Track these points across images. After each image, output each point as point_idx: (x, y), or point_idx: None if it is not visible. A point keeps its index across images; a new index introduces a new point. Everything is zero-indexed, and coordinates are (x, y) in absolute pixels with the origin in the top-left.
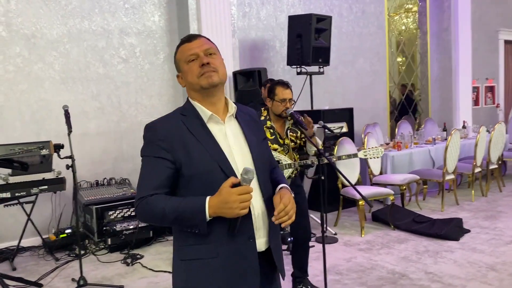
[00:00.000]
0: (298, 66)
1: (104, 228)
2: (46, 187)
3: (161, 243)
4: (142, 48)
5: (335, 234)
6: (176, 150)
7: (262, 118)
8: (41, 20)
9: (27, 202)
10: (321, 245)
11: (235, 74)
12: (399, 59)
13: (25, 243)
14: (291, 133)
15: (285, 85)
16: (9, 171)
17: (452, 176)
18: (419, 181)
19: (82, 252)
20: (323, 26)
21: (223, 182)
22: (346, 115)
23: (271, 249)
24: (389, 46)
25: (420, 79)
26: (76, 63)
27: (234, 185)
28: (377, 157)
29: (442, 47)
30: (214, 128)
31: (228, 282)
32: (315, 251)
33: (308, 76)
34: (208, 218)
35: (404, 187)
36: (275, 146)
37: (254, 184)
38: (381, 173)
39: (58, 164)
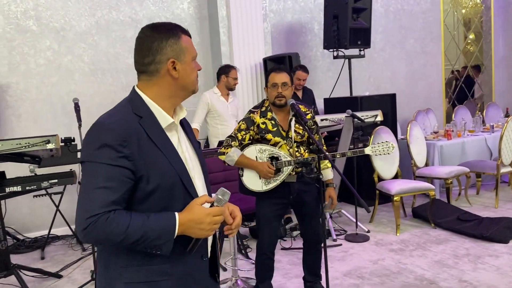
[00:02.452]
0: (335, 50)
1: None
2: (56, 180)
3: None
4: None
5: (368, 231)
6: (137, 158)
7: (263, 109)
8: (69, 12)
9: (55, 193)
10: (349, 243)
11: (265, 60)
12: (458, 38)
13: (59, 232)
14: (296, 125)
15: (278, 69)
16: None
17: (508, 169)
18: (469, 174)
19: None
20: (362, 5)
21: (181, 197)
22: (387, 102)
23: (216, 257)
24: (445, 24)
25: (483, 59)
26: (105, 54)
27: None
28: (387, 154)
29: (509, 23)
30: (169, 135)
31: None
32: (341, 250)
33: (347, 60)
34: (174, 237)
35: (450, 180)
36: (277, 139)
37: (187, 195)
38: (426, 165)
39: None
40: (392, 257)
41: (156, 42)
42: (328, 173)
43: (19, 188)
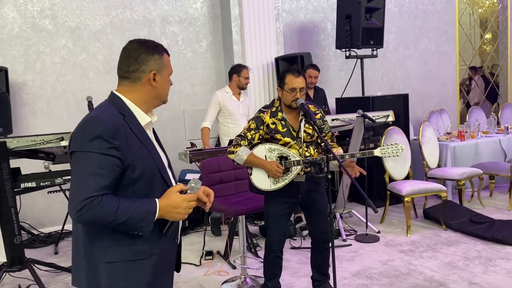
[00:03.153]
0: (347, 50)
1: None
2: (69, 177)
3: (198, 233)
4: (184, 36)
5: (378, 232)
6: (124, 149)
7: (274, 109)
8: (84, 12)
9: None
10: (359, 244)
11: (277, 60)
12: (474, 38)
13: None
14: (306, 125)
15: (297, 72)
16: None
17: None
18: (482, 175)
19: None
20: (375, 5)
21: (160, 186)
22: (399, 102)
23: (180, 244)
24: (460, 23)
25: (499, 60)
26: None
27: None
28: (396, 156)
29: None
30: (148, 134)
31: (154, 282)
32: (350, 250)
33: (359, 60)
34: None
35: (463, 182)
36: (287, 139)
37: (164, 183)
38: (439, 166)
39: None
40: (402, 258)
41: (143, 55)
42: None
43: (33, 184)
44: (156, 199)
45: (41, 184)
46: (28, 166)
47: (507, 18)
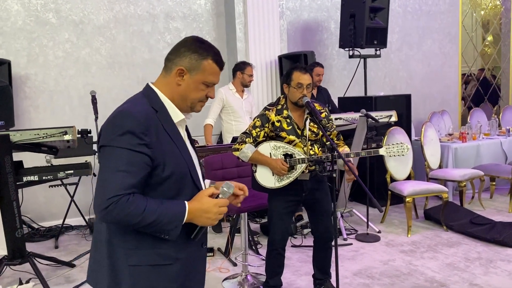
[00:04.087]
0: (350, 49)
1: None
2: (72, 171)
3: None
4: (187, 32)
5: (379, 232)
6: (155, 147)
7: (279, 107)
8: (88, 6)
9: (70, 184)
10: (360, 243)
11: (280, 58)
12: (476, 40)
13: (73, 222)
14: (311, 124)
15: (303, 69)
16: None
17: None
18: (483, 177)
19: None
20: (379, 4)
21: (190, 187)
22: (402, 102)
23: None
24: (463, 25)
25: (501, 62)
26: (122, 48)
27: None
28: (401, 155)
29: None
30: (180, 131)
31: (181, 287)
32: (351, 249)
33: (362, 60)
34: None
35: (464, 183)
36: (292, 137)
37: (193, 184)
38: (440, 167)
39: None
40: (403, 258)
41: (184, 49)
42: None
43: (35, 178)
44: (186, 202)
45: (44, 178)
46: (29, 159)
47: (510, 20)
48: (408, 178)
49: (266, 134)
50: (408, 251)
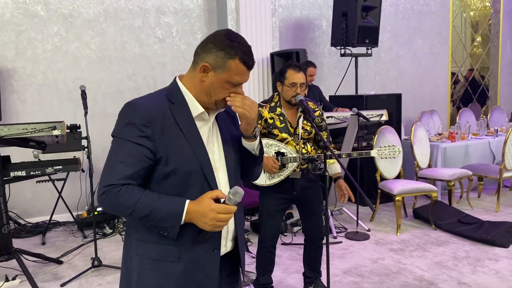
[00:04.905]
0: (342, 47)
1: None
2: (60, 167)
3: None
4: (179, 27)
5: (369, 230)
6: (158, 140)
7: (273, 104)
8: None
9: (58, 179)
10: (349, 241)
11: (272, 55)
12: (465, 40)
13: (61, 218)
14: (304, 122)
15: (297, 68)
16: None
17: (511, 173)
18: (471, 177)
19: (110, 231)
20: (371, 3)
21: (199, 186)
22: (392, 101)
23: (238, 249)
24: (454, 26)
25: (490, 63)
26: (112, 42)
27: (217, 199)
28: (393, 158)
29: None
30: (199, 125)
31: None
32: (341, 247)
33: (354, 58)
34: (181, 223)
35: (453, 183)
36: (285, 135)
37: (226, 189)
38: (429, 166)
39: (94, 144)
40: (392, 257)
41: (212, 45)
42: (336, 167)
43: (23, 173)
44: (187, 201)
45: (31, 173)
46: (17, 154)
47: (499, 21)
48: (398, 177)
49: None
50: (397, 249)
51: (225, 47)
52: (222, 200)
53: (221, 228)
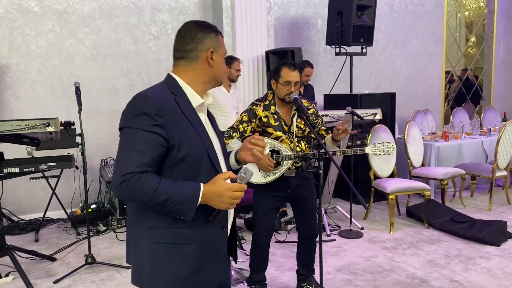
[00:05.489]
0: (337, 46)
1: (125, 206)
2: (54, 163)
3: None
4: (174, 25)
5: (362, 228)
6: (170, 128)
7: (267, 102)
8: None
9: (52, 176)
10: (343, 239)
11: (267, 53)
12: (460, 40)
13: (54, 215)
14: (298, 120)
15: (292, 66)
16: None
17: (503, 173)
18: (464, 176)
19: (104, 228)
20: (366, 2)
21: (207, 169)
22: (387, 100)
23: (235, 233)
24: (448, 25)
25: (484, 63)
26: (107, 39)
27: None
28: (387, 154)
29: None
30: (200, 116)
31: (198, 269)
32: (334, 245)
33: (348, 57)
34: (197, 205)
35: (446, 182)
36: (279, 133)
37: (212, 167)
38: (423, 165)
39: (88, 141)
40: (385, 255)
41: (200, 33)
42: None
43: (17, 170)
44: (202, 184)
45: (25, 170)
46: (9, 151)
47: (493, 22)
48: (392, 175)
49: (253, 129)
50: (390, 247)
51: (209, 28)
52: (233, 180)
53: (234, 206)
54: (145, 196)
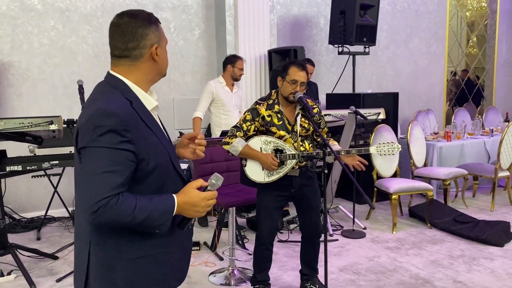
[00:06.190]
0: (340, 45)
1: None
2: (57, 162)
3: None
4: (176, 23)
5: (365, 228)
6: (138, 141)
7: (271, 101)
8: None
9: (54, 174)
10: (345, 239)
11: (270, 52)
12: (461, 40)
13: (56, 213)
14: (302, 119)
15: (301, 66)
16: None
17: (506, 173)
18: (466, 176)
19: None
20: (369, 2)
21: (172, 176)
22: (389, 100)
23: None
24: (450, 25)
25: (485, 63)
26: None
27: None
28: (392, 154)
29: None
30: (155, 118)
31: (172, 268)
32: (337, 245)
33: (351, 57)
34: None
35: (448, 182)
36: (282, 132)
37: (175, 172)
38: (425, 165)
39: None
40: (388, 255)
41: (141, 29)
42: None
43: (19, 168)
44: (174, 196)
45: (28, 168)
46: (11, 149)
47: (496, 22)
48: (394, 175)
49: (256, 129)
50: (393, 247)
51: (148, 21)
52: (205, 187)
53: (205, 213)
54: (124, 218)
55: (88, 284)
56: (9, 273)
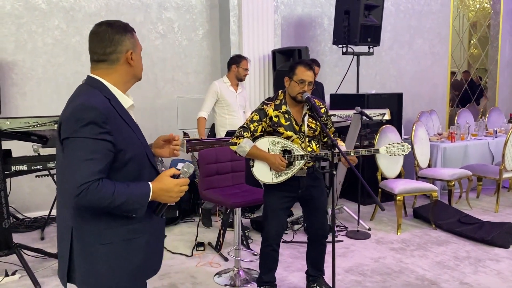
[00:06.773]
0: (344, 46)
1: None
2: None
3: (187, 223)
4: (180, 23)
5: (369, 229)
6: (115, 134)
7: (278, 102)
8: None
9: None
10: (350, 240)
11: (274, 52)
12: (464, 41)
13: None
14: (310, 120)
15: (308, 66)
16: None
17: (510, 174)
18: (471, 177)
19: None
20: (374, 2)
21: (148, 167)
22: (393, 101)
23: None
24: (454, 26)
25: (488, 64)
26: None
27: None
28: (402, 155)
29: None
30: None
31: (147, 257)
32: (342, 246)
33: (355, 57)
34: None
35: (453, 183)
36: (290, 133)
37: (150, 165)
38: (429, 166)
39: None
40: (393, 256)
41: (117, 35)
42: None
43: (24, 167)
44: (150, 183)
45: (33, 167)
46: (15, 148)
47: (499, 23)
48: (399, 176)
49: (264, 129)
50: (398, 248)
51: (124, 29)
52: (177, 176)
53: (178, 199)
54: (105, 201)
55: (72, 271)
56: (13, 273)
